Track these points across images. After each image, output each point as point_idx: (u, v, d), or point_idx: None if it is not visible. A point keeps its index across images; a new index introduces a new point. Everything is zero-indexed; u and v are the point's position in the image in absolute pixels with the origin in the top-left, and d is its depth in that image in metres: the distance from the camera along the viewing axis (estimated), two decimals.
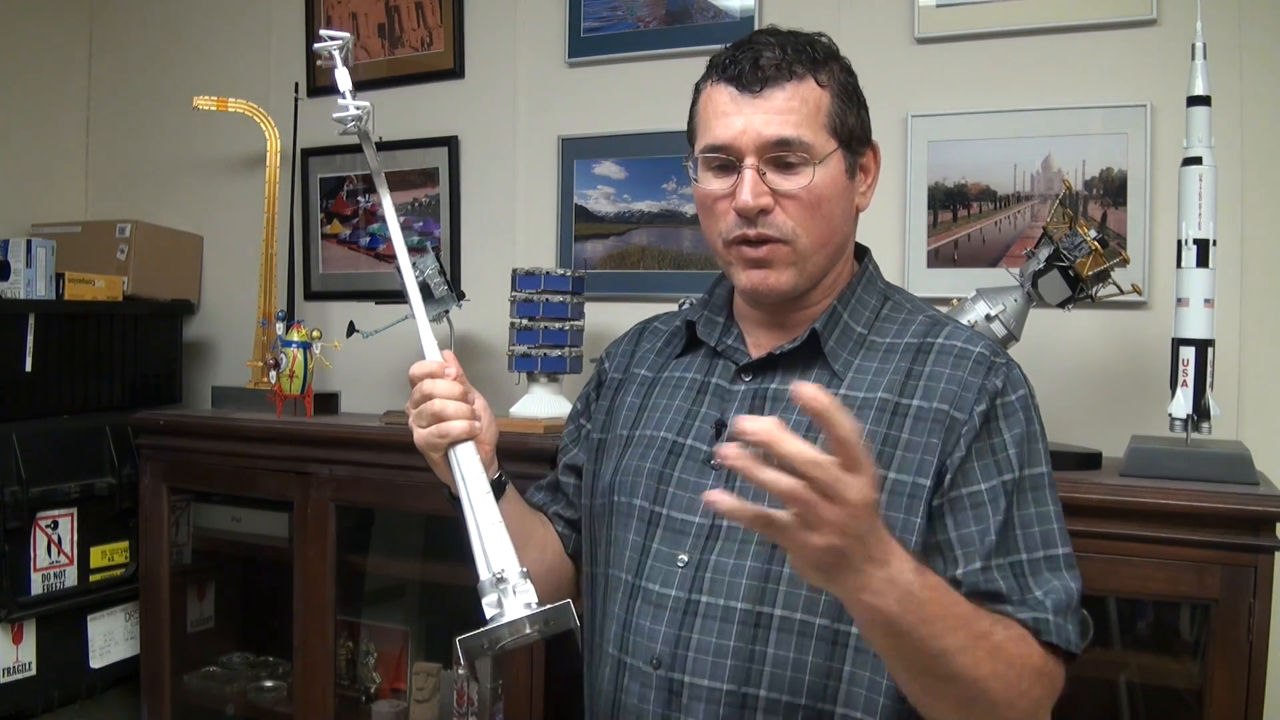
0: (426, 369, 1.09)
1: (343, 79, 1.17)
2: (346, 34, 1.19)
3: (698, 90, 1.12)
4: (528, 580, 0.96)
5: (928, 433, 1.03)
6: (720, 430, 1.11)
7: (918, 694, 0.93)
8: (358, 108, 1.14)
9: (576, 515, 1.28)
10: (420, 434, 1.08)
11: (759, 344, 1.16)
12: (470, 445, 1.07)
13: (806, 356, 1.11)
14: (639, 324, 1.32)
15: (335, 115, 1.14)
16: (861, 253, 1.20)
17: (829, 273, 1.12)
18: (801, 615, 1.01)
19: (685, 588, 1.05)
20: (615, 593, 1.12)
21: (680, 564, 1.07)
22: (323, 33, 1.18)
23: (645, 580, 1.09)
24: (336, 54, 1.18)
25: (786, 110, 1.04)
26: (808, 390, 0.73)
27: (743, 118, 1.04)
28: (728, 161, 1.06)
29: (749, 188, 1.04)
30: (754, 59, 1.05)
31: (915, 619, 0.83)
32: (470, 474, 1.05)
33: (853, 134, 1.08)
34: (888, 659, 0.91)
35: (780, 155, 1.04)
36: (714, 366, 1.17)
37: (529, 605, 0.94)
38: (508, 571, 0.96)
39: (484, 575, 0.97)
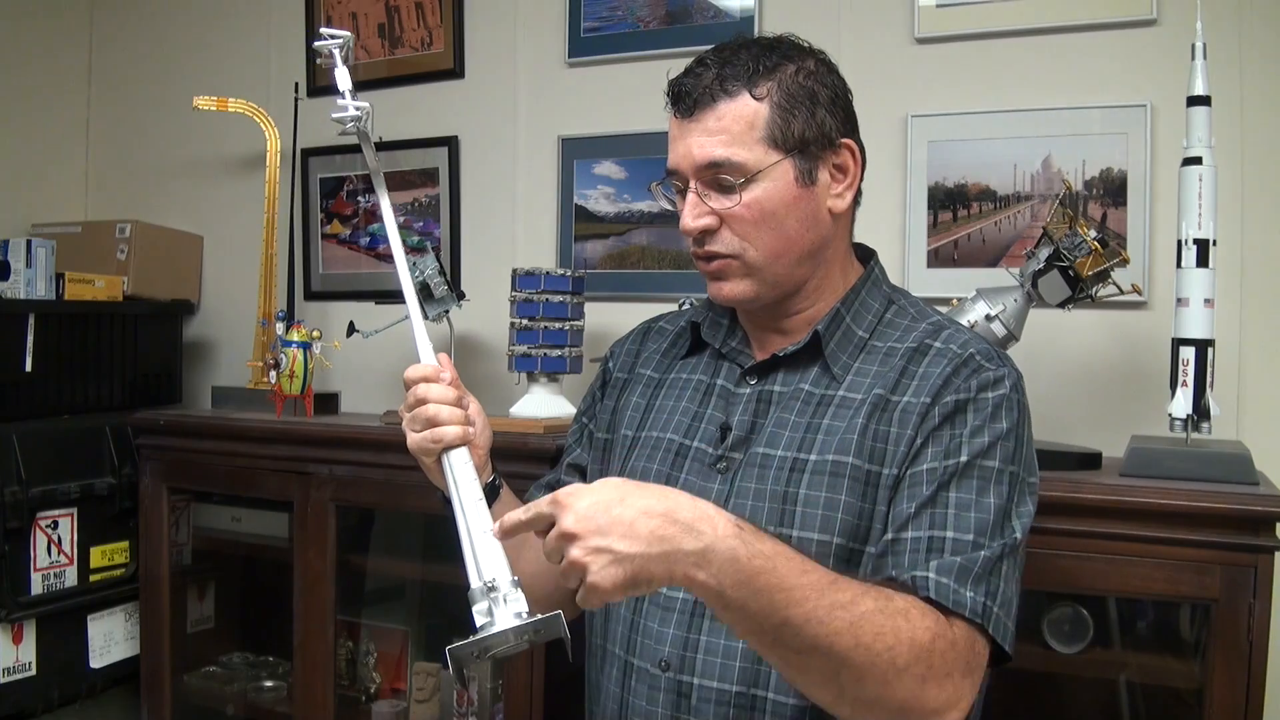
0: (421, 373, 1.10)
1: (343, 78, 1.16)
2: (346, 33, 1.18)
3: None
4: (518, 589, 0.96)
5: (910, 425, 1.04)
6: (725, 434, 1.11)
7: (780, 668, 0.93)
8: (358, 108, 1.14)
9: None
10: (414, 438, 1.09)
11: (762, 346, 1.17)
12: (464, 451, 1.07)
13: (807, 359, 1.12)
14: (644, 323, 1.32)
15: (334, 115, 1.14)
16: (868, 255, 1.20)
17: (809, 277, 1.12)
18: None
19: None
20: None
21: None
22: (323, 30, 1.17)
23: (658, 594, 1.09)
24: (336, 53, 1.16)
25: (717, 131, 1.05)
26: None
27: (682, 142, 1.08)
28: (680, 186, 1.10)
29: (687, 211, 1.08)
30: (688, 84, 1.07)
31: (746, 591, 0.83)
32: (463, 480, 1.05)
33: (805, 139, 1.06)
34: (738, 634, 0.91)
35: (714, 176, 1.06)
36: (719, 368, 1.18)
37: (519, 615, 0.94)
38: (499, 580, 0.96)
39: (474, 583, 0.97)
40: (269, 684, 2.30)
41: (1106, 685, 1.60)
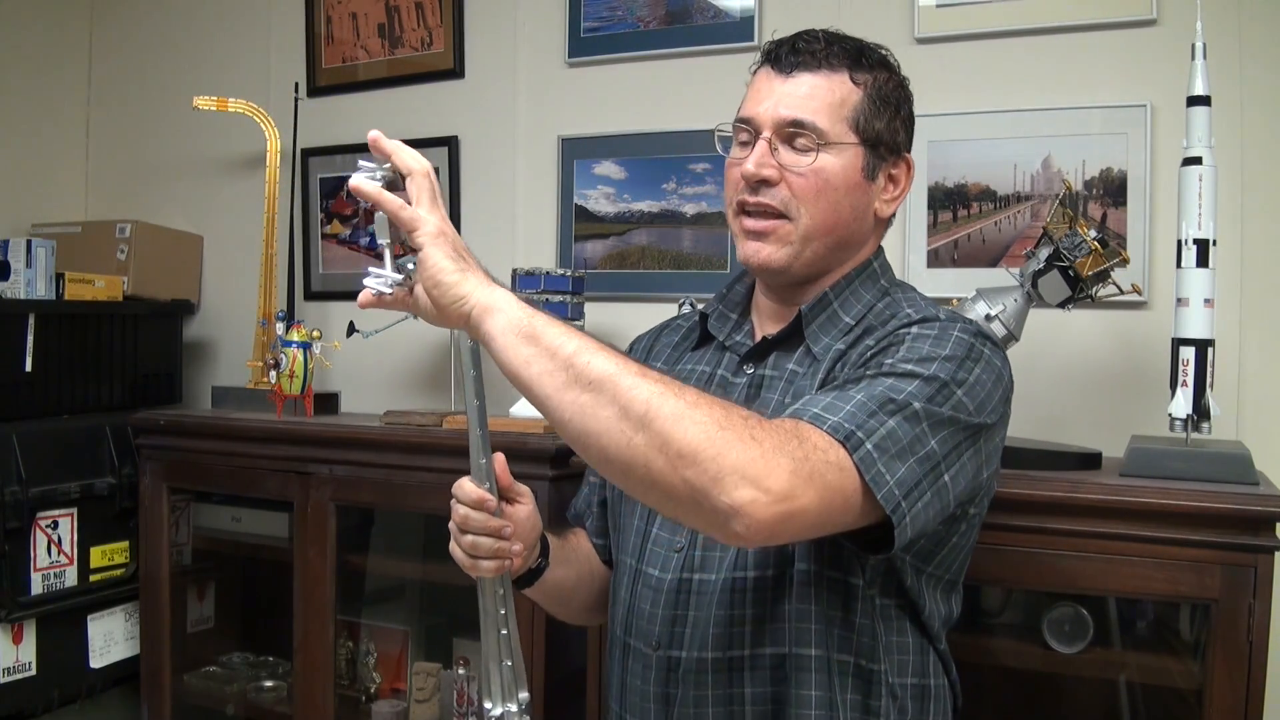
0: (468, 497, 1.06)
1: (382, 228, 0.95)
2: (385, 165, 0.97)
3: (752, 74, 1.18)
4: (527, 715, 1.05)
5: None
6: None
7: (572, 410, 0.85)
8: (393, 283, 0.94)
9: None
10: (455, 553, 1.08)
11: (763, 331, 1.19)
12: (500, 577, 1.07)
13: (798, 341, 1.13)
14: (666, 320, 1.35)
15: (372, 285, 0.95)
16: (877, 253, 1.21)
17: (835, 267, 1.14)
18: (773, 571, 1.04)
19: (678, 569, 1.09)
20: (623, 577, 1.17)
21: (678, 548, 1.10)
22: (361, 162, 1.01)
23: (645, 565, 1.13)
24: (380, 184, 0.98)
25: (809, 95, 1.09)
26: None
27: (770, 96, 1.11)
28: (749, 135, 1.12)
29: (755, 156, 1.10)
30: (794, 44, 1.12)
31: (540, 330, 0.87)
32: (491, 609, 1.07)
33: (880, 138, 1.11)
34: (530, 374, 0.87)
35: (793, 134, 1.09)
36: (722, 359, 1.20)
37: None
38: (509, 710, 1.05)
39: (487, 704, 1.05)
40: (269, 684, 2.30)
41: (1106, 685, 1.60)
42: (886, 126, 1.12)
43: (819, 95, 1.09)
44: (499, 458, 1.09)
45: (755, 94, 1.12)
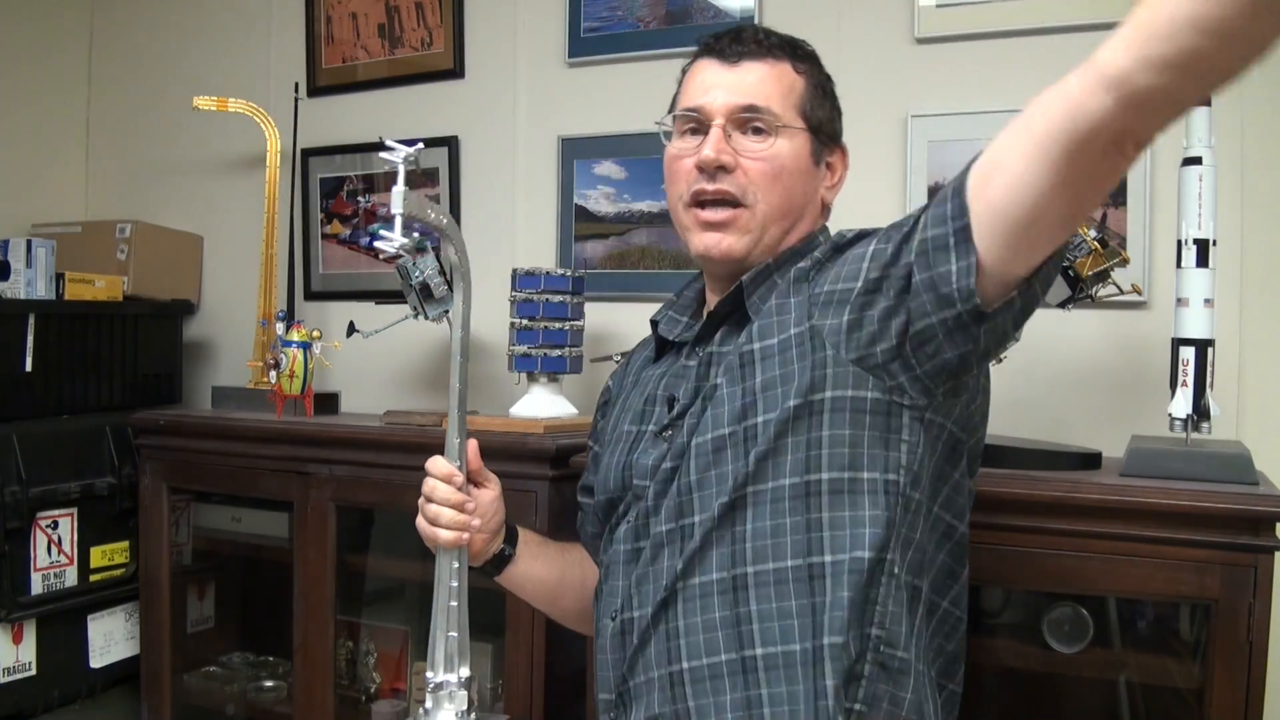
0: (437, 470, 1.14)
1: (397, 199, 1.05)
2: (412, 148, 1.10)
3: (683, 71, 1.19)
4: (464, 690, 1.10)
5: (829, 314, 1.02)
6: (671, 404, 1.13)
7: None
8: (399, 246, 1.06)
9: None
10: (419, 525, 1.15)
11: None
12: (461, 550, 1.13)
13: (743, 317, 1.11)
14: (640, 341, 1.36)
15: (378, 244, 1.07)
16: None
17: (781, 250, 1.14)
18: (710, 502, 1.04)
19: (633, 539, 1.10)
20: (603, 580, 1.17)
21: (631, 520, 1.11)
22: (388, 142, 1.12)
23: (618, 545, 1.13)
24: (401, 167, 1.11)
25: (760, 82, 1.11)
26: None
27: (719, 84, 1.12)
28: (698, 125, 1.13)
29: (712, 143, 1.10)
30: (736, 36, 1.13)
31: None
32: (445, 580, 1.12)
33: (821, 125, 1.14)
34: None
35: (748, 120, 1.10)
36: (678, 356, 1.20)
37: (459, 714, 1.10)
38: (449, 680, 1.10)
39: (428, 673, 1.11)
40: (269, 684, 2.30)
41: (1106, 685, 1.60)
42: (827, 114, 1.15)
43: (769, 82, 1.11)
44: (472, 443, 1.15)
45: (700, 85, 1.13)
